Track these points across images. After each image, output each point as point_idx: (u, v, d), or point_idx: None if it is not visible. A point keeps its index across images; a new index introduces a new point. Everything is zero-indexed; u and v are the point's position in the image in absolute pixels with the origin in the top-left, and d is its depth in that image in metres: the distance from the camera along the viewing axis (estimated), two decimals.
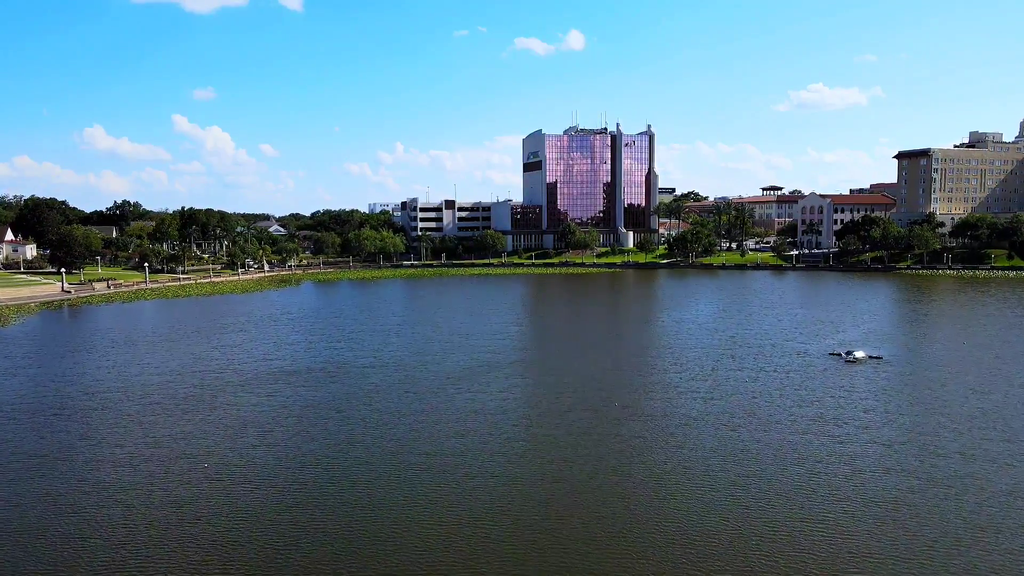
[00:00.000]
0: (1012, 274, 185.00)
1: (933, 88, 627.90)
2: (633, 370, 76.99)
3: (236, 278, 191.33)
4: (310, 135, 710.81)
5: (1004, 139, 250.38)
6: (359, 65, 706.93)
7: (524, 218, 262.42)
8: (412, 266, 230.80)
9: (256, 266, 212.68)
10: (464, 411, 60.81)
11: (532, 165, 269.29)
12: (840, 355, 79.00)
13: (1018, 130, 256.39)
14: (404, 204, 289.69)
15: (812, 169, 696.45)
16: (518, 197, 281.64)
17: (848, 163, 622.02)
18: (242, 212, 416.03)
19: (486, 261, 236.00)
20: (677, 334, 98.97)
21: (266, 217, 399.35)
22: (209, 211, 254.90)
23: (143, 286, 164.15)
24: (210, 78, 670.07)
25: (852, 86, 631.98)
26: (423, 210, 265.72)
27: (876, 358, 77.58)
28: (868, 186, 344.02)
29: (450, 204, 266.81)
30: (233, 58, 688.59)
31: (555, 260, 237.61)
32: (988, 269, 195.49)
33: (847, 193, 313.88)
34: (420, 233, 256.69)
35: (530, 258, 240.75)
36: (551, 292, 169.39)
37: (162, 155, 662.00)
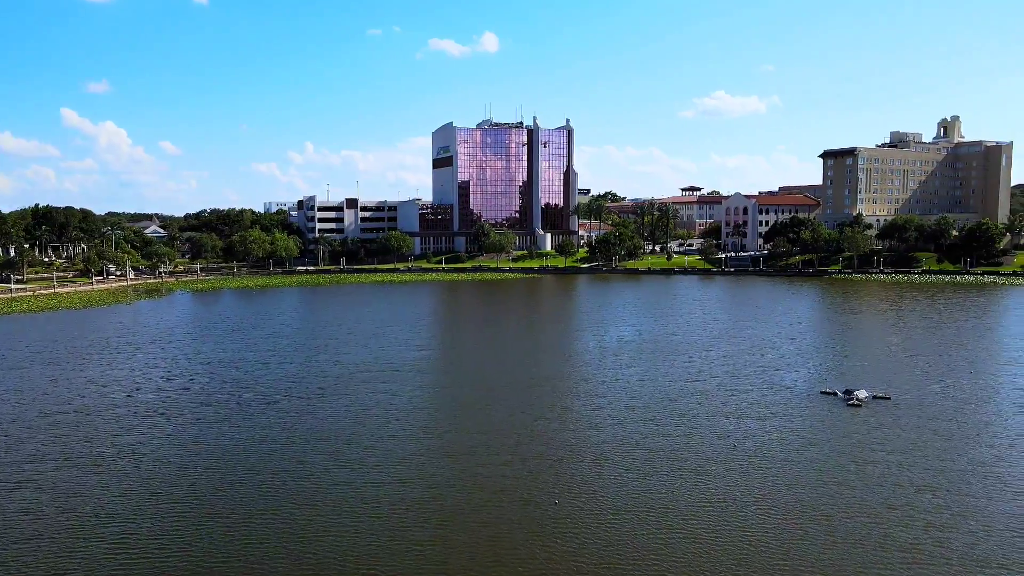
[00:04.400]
0: (947, 278, 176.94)
1: (828, 97, 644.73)
2: (576, 419, 56.89)
3: (90, 288, 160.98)
4: (215, 133, 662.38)
5: (923, 139, 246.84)
6: (267, 61, 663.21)
7: (434, 218, 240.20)
8: (307, 272, 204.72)
9: (119, 273, 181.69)
10: (333, 513, 38.93)
11: (442, 161, 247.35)
12: (836, 394, 61.43)
13: (936, 131, 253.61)
14: (301, 203, 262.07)
15: (716, 173, 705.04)
16: (429, 196, 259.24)
17: (748, 168, 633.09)
18: (132, 212, 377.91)
19: (391, 266, 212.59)
20: (621, 360, 79.79)
21: (148, 217, 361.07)
22: (69, 209, 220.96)
23: None
24: (104, 70, 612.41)
25: (752, 94, 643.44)
26: (322, 209, 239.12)
27: (883, 398, 60.38)
28: (777, 188, 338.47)
29: (352, 203, 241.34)
30: (131, 50, 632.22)
31: (467, 265, 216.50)
32: (919, 273, 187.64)
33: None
34: (318, 235, 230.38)
35: (440, 262, 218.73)
36: (463, 303, 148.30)
37: (51, 151, 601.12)
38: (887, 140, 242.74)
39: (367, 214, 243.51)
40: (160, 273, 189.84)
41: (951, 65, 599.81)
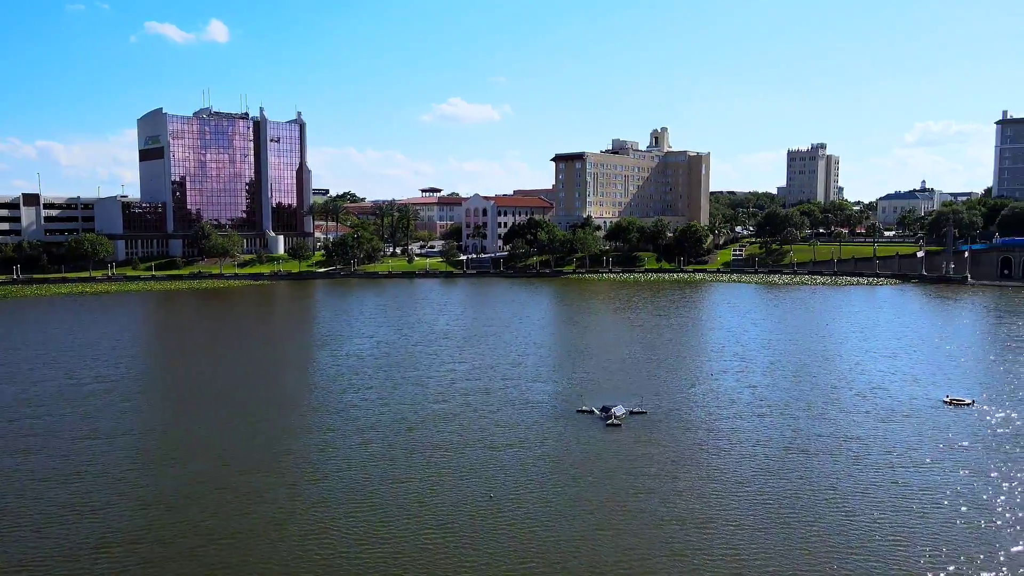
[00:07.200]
0: (666, 276, 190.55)
1: (554, 106, 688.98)
2: (297, 466, 44.98)
3: None
4: None
5: (640, 147, 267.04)
6: None
7: (142, 218, 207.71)
8: None
9: None
10: None
11: (152, 152, 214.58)
12: (594, 411, 56.34)
13: (649, 140, 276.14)
14: None
15: (455, 177, 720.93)
16: (137, 193, 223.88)
17: (485, 172, 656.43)
18: None
19: (86, 274, 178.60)
20: (358, 380, 68.70)
21: None
22: None
23: None
24: None
25: (486, 102, 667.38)
26: None
27: (639, 413, 56.43)
28: (512, 192, 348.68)
29: (31, 199, 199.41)
30: None
31: (184, 271, 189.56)
32: (642, 272, 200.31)
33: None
34: None
35: (150, 269, 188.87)
36: (173, 317, 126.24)
37: None
38: (610, 147, 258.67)
39: (54, 213, 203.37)
40: None
41: (660, 81, 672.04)
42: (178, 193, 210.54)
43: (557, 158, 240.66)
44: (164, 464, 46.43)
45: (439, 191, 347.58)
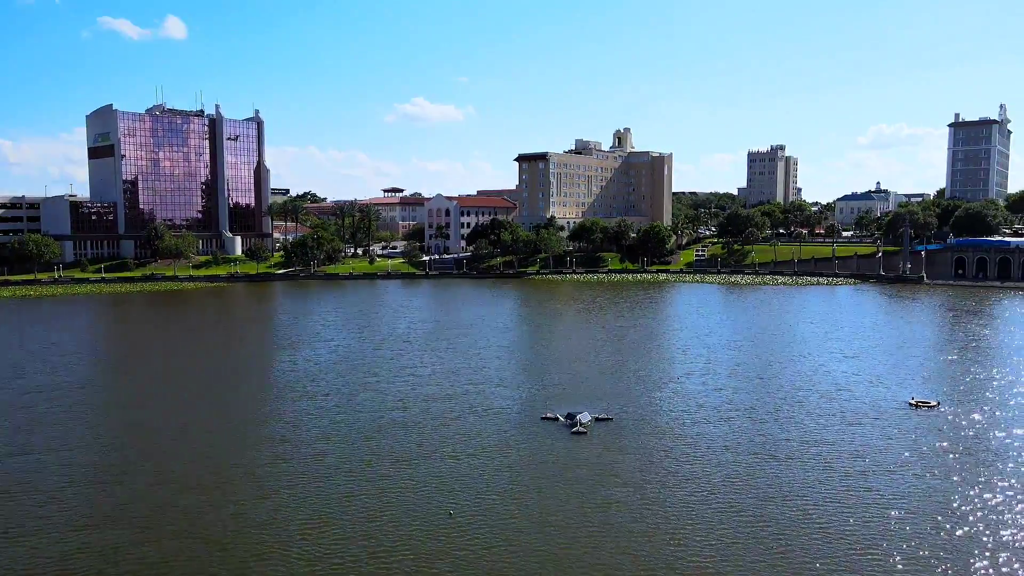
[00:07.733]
0: (629, 277, 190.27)
1: (518, 107, 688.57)
2: (245, 481, 42.37)
3: None
4: None
5: (602, 148, 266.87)
6: None
7: (91, 219, 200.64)
8: None
9: None
10: None
11: (101, 150, 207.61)
12: (559, 419, 54.58)
13: (612, 140, 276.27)
14: None
15: (418, 177, 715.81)
16: (85, 192, 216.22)
17: (449, 173, 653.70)
18: None
19: (30, 277, 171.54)
20: (316, 387, 66.00)
21: None
22: None
23: None
24: None
25: (449, 103, 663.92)
26: None
27: (605, 419, 54.83)
28: (476, 192, 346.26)
29: None
30: None
31: (137, 274, 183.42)
32: (606, 272, 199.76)
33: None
34: None
35: (99, 271, 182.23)
36: (121, 322, 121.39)
37: None
38: (573, 147, 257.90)
39: None
40: None
41: (623, 83, 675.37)
42: (130, 192, 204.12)
43: (520, 158, 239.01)
44: (101, 482, 43.42)
45: (402, 191, 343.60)
